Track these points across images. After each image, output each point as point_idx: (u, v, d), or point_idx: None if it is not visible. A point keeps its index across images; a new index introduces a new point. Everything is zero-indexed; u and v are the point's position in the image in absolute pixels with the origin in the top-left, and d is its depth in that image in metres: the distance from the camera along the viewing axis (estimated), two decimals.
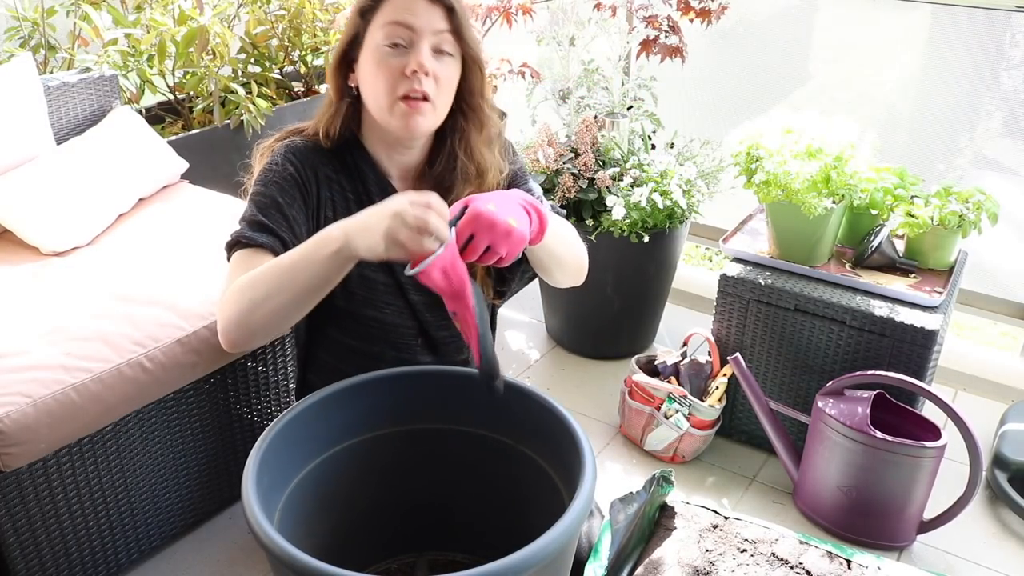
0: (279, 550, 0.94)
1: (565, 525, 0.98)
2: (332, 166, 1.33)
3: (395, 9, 1.23)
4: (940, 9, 2.33)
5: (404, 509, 1.35)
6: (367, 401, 1.24)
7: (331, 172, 1.33)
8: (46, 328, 1.58)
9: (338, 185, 1.33)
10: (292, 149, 1.31)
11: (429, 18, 1.23)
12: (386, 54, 1.23)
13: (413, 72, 1.21)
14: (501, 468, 1.28)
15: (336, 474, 1.25)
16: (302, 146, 1.32)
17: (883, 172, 1.99)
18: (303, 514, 1.20)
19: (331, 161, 1.33)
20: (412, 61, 1.22)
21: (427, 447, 1.30)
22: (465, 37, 1.26)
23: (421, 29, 1.22)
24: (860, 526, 1.77)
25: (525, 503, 1.26)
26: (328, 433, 1.23)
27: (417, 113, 1.24)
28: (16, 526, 1.43)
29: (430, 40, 1.23)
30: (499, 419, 1.26)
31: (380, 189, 1.33)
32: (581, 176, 2.21)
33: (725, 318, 2.01)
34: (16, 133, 2.01)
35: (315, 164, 1.31)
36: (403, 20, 1.22)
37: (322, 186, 1.31)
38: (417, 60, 1.21)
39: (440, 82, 1.25)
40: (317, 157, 1.32)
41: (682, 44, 2.32)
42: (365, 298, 1.35)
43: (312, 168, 1.30)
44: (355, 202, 1.33)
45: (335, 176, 1.33)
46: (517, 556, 0.93)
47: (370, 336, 1.38)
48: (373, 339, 1.38)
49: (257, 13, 2.66)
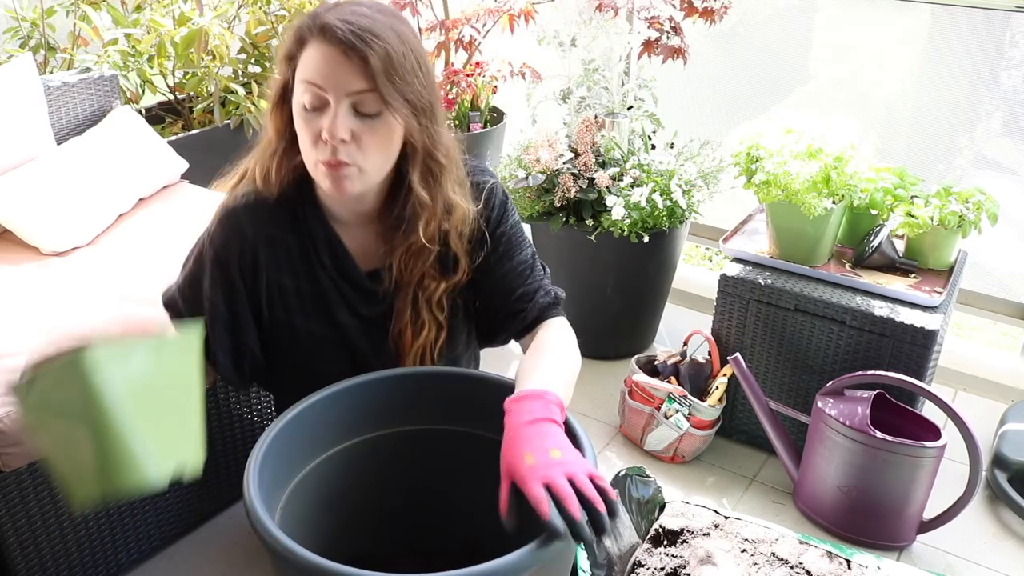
0: (281, 547, 0.94)
1: None
2: (275, 223, 1.26)
3: (309, 67, 1.11)
4: (940, 9, 2.33)
5: (404, 508, 1.35)
6: (367, 401, 1.24)
7: (275, 231, 1.26)
8: (46, 328, 1.58)
9: (281, 243, 1.26)
10: (227, 216, 1.26)
11: (342, 77, 1.09)
12: (305, 117, 1.13)
13: (327, 139, 1.11)
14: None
15: (337, 473, 1.25)
16: (237, 215, 1.25)
17: (883, 172, 1.99)
18: (304, 513, 1.20)
19: (274, 218, 1.26)
20: (325, 127, 1.11)
21: (427, 447, 1.30)
22: (389, 96, 1.10)
23: (334, 90, 1.10)
24: (860, 526, 1.77)
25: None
26: (328, 433, 1.23)
27: (342, 178, 1.14)
28: (16, 526, 1.43)
29: (347, 102, 1.11)
30: (499, 419, 1.26)
31: (328, 246, 1.27)
32: (581, 176, 2.21)
33: (725, 318, 2.02)
34: (16, 133, 2.01)
35: (251, 230, 1.25)
36: (315, 80, 1.10)
37: (260, 251, 1.26)
38: (329, 129, 1.10)
39: (363, 145, 1.13)
40: (256, 219, 1.25)
41: (684, 45, 2.32)
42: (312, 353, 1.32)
43: (247, 236, 1.25)
44: (300, 258, 1.27)
45: (279, 235, 1.26)
46: (517, 556, 0.93)
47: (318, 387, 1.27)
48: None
49: (257, 13, 2.66)
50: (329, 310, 1.30)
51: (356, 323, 1.31)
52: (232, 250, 1.25)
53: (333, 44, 1.10)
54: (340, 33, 1.09)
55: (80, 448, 0.90)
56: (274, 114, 1.21)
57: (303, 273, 1.28)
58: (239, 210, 1.26)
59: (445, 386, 1.28)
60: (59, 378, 0.90)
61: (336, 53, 1.09)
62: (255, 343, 1.31)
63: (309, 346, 1.32)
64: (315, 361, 1.33)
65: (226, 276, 1.26)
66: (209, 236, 1.28)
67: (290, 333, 1.31)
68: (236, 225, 1.26)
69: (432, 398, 1.28)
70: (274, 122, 1.22)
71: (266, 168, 1.25)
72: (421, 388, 1.27)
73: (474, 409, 1.27)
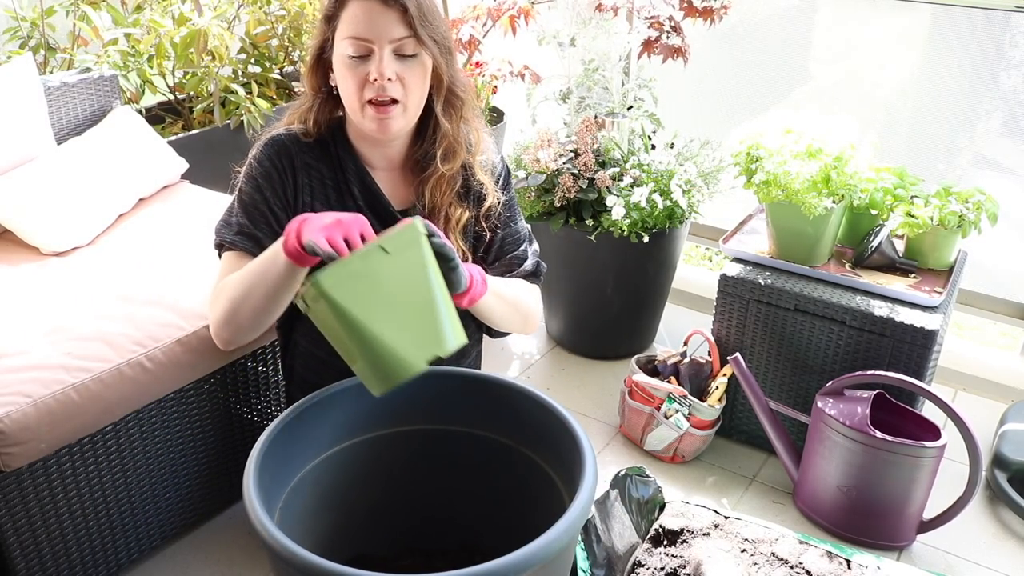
0: (280, 547, 0.94)
1: (565, 525, 0.99)
2: (312, 155, 1.38)
3: (352, 23, 1.26)
4: (940, 9, 2.33)
5: (404, 508, 1.35)
6: (367, 401, 1.24)
7: (310, 160, 1.38)
8: (46, 328, 1.58)
9: (316, 172, 1.38)
10: (269, 143, 1.38)
11: (385, 27, 1.25)
12: (350, 64, 1.27)
13: (375, 80, 1.26)
14: (501, 468, 1.28)
15: (336, 473, 1.25)
16: (281, 139, 1.38)
17: (883, 172, 1.99)
18: (303, 512, 1.20)
19: (311, 151, 1.38)
20: (373, 70, 1.26)
21: (427, 447, 1.30)
22: (424, 38, 1.27)
23: (378, 39, 1.25)
24: (860, 526, 1.77)
25: (525, 503, 1.26)
26: (328, 433, 1.23)
27: (387, 117, 1.29)
28: (16, 526, 1.43)
29: (390, 48, 1.26)
30: (499, 419, 1.26)
31: (359, 178, 1.39)
32: (581, 176, 2.21)
33: (725, 318, 2.02)
34: (16, 133, 2.01)
35: (292, 154, 1.37)
36: (360, 34, 1.25)
37: (299, 173, 1.37)
38: (378, 70, 1.26)
39: (407, 83, 1.29)
40: (295, 148, 1.38)
41: (684, 45, 2.32)
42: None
43: (287, 158, 1.37)
44: (333, 188, 1.39)
45: (314, 164, 1.38)
46: (517, 556, 0.93)
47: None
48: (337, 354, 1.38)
49: (257, 13, 2.66)
50: None
51: None
52: (279, 166, 1.36)
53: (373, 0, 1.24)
54: None
55: (352, 353, 1.09)
56: (311, 74, 1.35)
57: (334, 201, 1.38)
58: (281, 136, 1.38)
59: (445, 386, 1.28)
60: (308, 303, 1.09)
61: (377, 6, 1.25)
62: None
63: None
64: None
65: (278, 187, 1.36)
66: (255, 160, 1.38)
67: None
68: (279, 146, 1.37)
69: (432, 398, 1.28)
70: (311, 80, 1.36)
71: (304, 119, 1.38)
72: (421, 388, 1.27)
73: (474, 409, 1.27)
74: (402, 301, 1.08)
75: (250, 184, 1.37)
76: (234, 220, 1.37)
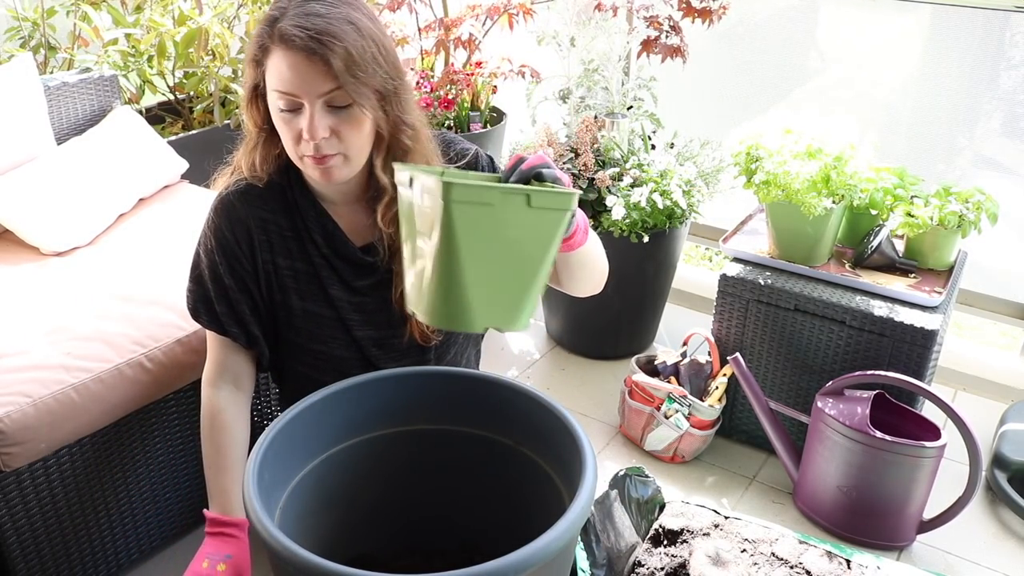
0: (280, 547, 0.94)
1: (565, 525, 0.98)
2: (267, 207, 1.31)
3: (277, 76, 1.16)
4: (940, 9, 2.33)
5: (404, 508, 1.35)
6: (367, 401, 1.24)
7: (265, 213, 1.32)
8: (46, 328, 1.58)
9: (274, 225, 1.32)
10: (219, 208, 1.32)
11: (312, 81, 1.15)
12: (284, 118, 1.19)
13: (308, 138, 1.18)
14: (501, 468, 1.28)
15: (336, 473, 1.25)
16: (230, 200, 1.32)
17: (883, 172, 1.99)
18: (304, 512, 1.20)
19: (266, 202, 1.31)
20: (304, 128, 1.17)
21: (427, 447, 1.30)
22: (355, 90, 1.16)
23: (306, 95, 1.16)
24: (860, 526, 1.77)
25: (525, 503, 1.26)
26: (328, 432, 1.23)
27: (330, 168, 1.21)
28: (16, 526, 1.43)
29: (320, 102, 1.16)
30: (499, 419, 1.26)
31: (320, 226, 1.32)
32: (581, 176, 2.21)
33: (725, 318, 2.02)
34: (16, 133, 2.01)
35: (243, 216, 1.31)
36: (286, 89, 1.16)
37: (254, 233, 1.31)
38: (308, 130, 1.17)
39: (343, 136, 1.19)
40: (246, 205, 1.31)
41: (683, 44, 2.32)
42: (310, 332, 1.36)
43: (239, 222, 1.31)
44: (293, 239, 1.32)
45: (271, 216, 1.32)
46: (517, 556, 0.93)
47: (319, 367, 1.38)
48: (323, 370, 1.38)
49: (257, 13, 2.66)
50: (323, 286, 1.34)
51: (350, 297, 1.35)
52: (232, 234, 1.31)
53: (294, 51, 1.14)
54: (299, 40, 1.14)
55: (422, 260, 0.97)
56: (250, 111, 1.27)
57: (296, 253, 1.33)
58: (231, 196, 1.32)
59: (445, 386, 1.28)
60: (423, 189, 0.96)
61: (299, 59, 1.14)
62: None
63: (307, 326, 1.35)
64: (314, 341, 1.36)
65: (234, 260, 1.32)
66: (209, 228, 1.33)
67: (287, 314, 1.35)
68: (230, 210, 1.31)
69: (432, 398, 1.28)
70: (251, 117, 1.28)
71: (251, 160, 1.31)
72: (421, 388, 1.27)
73: (474, 409, 1.27)
74: (510, 258, 0.98)
75: (209, 258, 1.33)
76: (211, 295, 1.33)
